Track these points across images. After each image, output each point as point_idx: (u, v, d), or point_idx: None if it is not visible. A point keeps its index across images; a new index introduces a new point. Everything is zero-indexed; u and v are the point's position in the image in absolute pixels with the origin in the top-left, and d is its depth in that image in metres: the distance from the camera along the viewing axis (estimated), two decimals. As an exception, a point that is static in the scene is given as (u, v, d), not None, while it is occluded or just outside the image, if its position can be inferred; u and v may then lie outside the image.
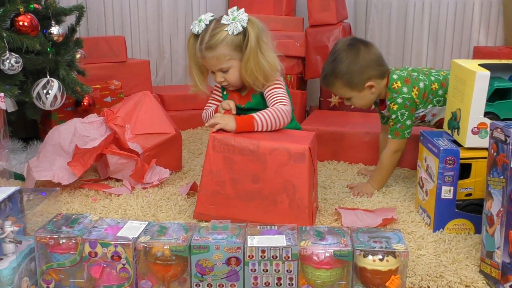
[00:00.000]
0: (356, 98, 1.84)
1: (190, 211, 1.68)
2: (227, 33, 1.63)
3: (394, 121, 1.82)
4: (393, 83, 1.81)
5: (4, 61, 1.82)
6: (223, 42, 1.63)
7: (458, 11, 3.09)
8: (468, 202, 1.54)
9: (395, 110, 1.80)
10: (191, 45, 1.70)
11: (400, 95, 1.79)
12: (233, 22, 1.62)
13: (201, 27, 1.67)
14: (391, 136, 1.83)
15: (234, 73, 1.68)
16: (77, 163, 1.81)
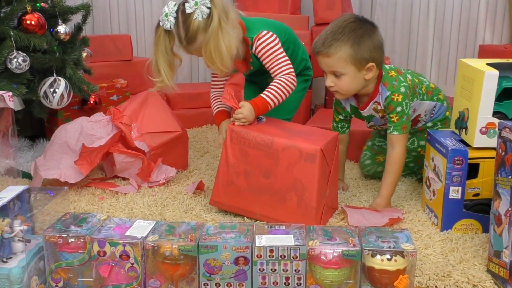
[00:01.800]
0: (349, 76, 1.62)
1: (197, 210, 1.68)
2: (197, 20, 1.61)
3: (400, 114, 1.66)
4: (388, 71, 1.69)
5: (11, 60, 1.82)
6: (199, 30, 1.62)
7: (464, 9, 3.08)
8: (476, 202, 1.53)
9: (400, 101, 1.65)
10: (162, 41, 1.66)
11: (401, 84, 1.66)
12: (197, 7, 1.61)
13: (170, 21, 1.63)
14: (398, 132, 1.66)
15: None
16: (84, 161, 1.81)
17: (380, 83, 1.68)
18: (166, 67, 1.69)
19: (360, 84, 1.66)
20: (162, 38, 1.66)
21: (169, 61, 1.70)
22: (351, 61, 1.60)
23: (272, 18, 2.40)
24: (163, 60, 1.68)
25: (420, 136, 1.87)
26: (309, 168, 1.49)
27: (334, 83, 1.64)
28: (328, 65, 1.62)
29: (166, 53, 1.67)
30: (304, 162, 1.49)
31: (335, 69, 1.62)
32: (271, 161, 1.53)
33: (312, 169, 1.49)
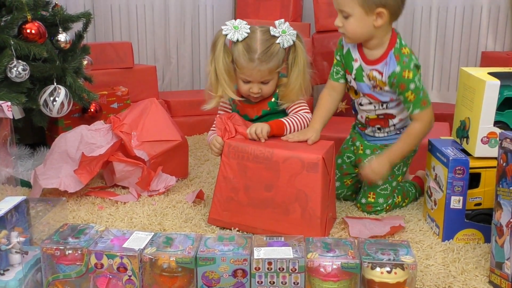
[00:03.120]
0: (356, 18, 1.56)
1: (196, 219, 1.67)
2: (279, 45, 1.63)
3: (415, 91, 1.59)
4: (402, 47, 1.62)
5: (11, 69, 1.82)
6: (277, 55, 1.64)
7: (466, 16, 3.08)
8: (477, 211, 1.52)
9: (412, 78, 1.58)
10: (223, 51, 1.64)
11: (412, 61, 1.59)
12: (283, 35, 1.63)
13: (241, 35, 1.62)
14: (420, 109, 1.61)
15: (272, 85, 1.69)
16: (84, 170, 1.80)
17: (391, 52, 1.61)
18: (226, 78, 1.67)
19: (368, 31, 1.59)
20: (224, 48, 1.65)
21: (229, 72, 1.67)
22: (359, 1, 1.54)
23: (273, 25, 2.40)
24: (223, 70, 1.65)
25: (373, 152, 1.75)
26: (312, 178, 1.47)
27: (342, 24, 1.60)
28: (337, 2, 1.59)
29: (226, 63, 1.66)
30: (306, 172, 1.48)
31: (342, 7, 1.58)
32: (271, 174, 1.51)
33: (315, 178, 1.47)
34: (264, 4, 2.89)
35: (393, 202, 1.73)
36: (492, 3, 3.02)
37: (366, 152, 1.77)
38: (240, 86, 1.71)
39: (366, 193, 1.73)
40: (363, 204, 1.73)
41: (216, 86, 1.69)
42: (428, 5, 3.09)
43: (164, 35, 3.14)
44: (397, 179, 1.74)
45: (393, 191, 1.73)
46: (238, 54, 1.64)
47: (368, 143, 1.78)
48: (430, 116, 1.63)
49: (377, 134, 1.76)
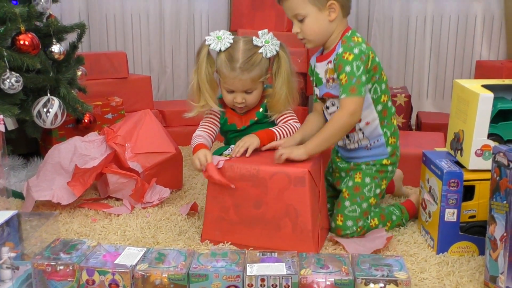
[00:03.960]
0: (311, 18, 1.56)
1: (190, 232, 1.66)
2: (261, 55, 1.64)
3: (349, 75, 1.52)
4: (353, 36, 1.58)
5: (4, 81, 1.82)
6: (259, 64, 1.65)
7: (460, 25, 3.09)
8: (471, 224, 1.52)
9: (350, 60, 1.52)
10: (206, 62, 1.66)
11: (357, 46, 1.53)
12: (266, 45, 1.65)
13: (224, 45, 1.64)
14: (346, 94, 1.52)
15: (256, 95, 1.70)
16: (77, 182, 1.79)
17: (340, 41, 1.59)
18: (209, 88, 1.68)
19: (326, 28, 1.58)
20: (207, 59, 1.66)
21: (211, 82, 1.69)
22: (311, 1, 1.55)
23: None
24: (206, 80, 1.67)
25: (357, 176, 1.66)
26: (300, 192, 1.47)
27: (300, 29, 1.59)
28: (289, 9, 1.58)
29: (209, 73, 1.67)
30: (294, 187, 1.47)
31: (296, 11, 1.57)
32: (259, 191, 1.50)
33: (303, 192, 1.47)
34: (259, 14, 2.89)
35: (367, 225, 1.62)
36: (486, 12, 3.04)
37: (341, 174, 1.72)
38: (224, 96, 1.72)
39: (335, 216, 1.64)
40: (333, 228, 1.64)
41: (198, 96, 1.71)
42: (422, 14, 3.10)
43: (159, 44, 3.14)
44: (368, 201, 1.63)
45: (364, 213, 1.62)
46: (221, 64, 1.66)
47: (341, 165, 1.72)
48: (353, 107, 1.52)
49: (348, 145, 1.68)
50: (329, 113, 1.67)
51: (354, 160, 1.68)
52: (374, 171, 1.65)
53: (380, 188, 1.66)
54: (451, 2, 3.06)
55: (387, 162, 1.66)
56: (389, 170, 1.67)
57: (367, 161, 1.66)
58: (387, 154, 1.65)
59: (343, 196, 1.64)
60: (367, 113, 1.61)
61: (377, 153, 1.65)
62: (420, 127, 2.74)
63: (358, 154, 1.67)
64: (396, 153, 1.68)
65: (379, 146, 1.65)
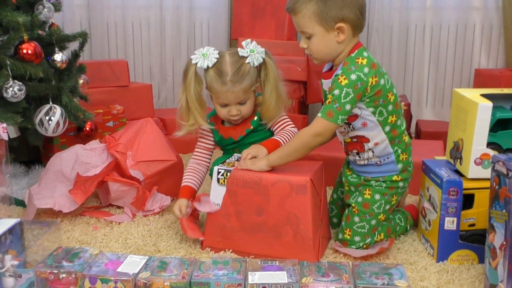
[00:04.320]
0: (318, 38, 1.51)
1: (191, 240, 1.67)
2: (249, 64, 1.66)
3: (333, 98, 1.47)
4: (358, 57, 1.52)
5: (7, 89, 1.82)
6: (248, 74, 1.66)
7: (459, 34, 3.11)
8: (471, 232, 1.53)
9: (342, 85, 1.46)
10: (194, 80, 1.68)
11: (357, 72, 1.47)
12: (251, 54, 1.66)
13: (211, 61, 1.66)
14: (322, 115, 1.48)
15: (250, 105, 1.72)
16: (78, 190, 1.80)
17: (345, 59, 1.54)
18: (198, 106, 1.70)
19: (333, 48, 1.53)
20: (195, 78, 1.68)
21: (199, 100, 1.71)
22: (317, 20, 1.49)
23: (268, 44, 2.42)
24: (195, 98, 1.69)
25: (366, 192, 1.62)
26: (301, 200, 1.48)
27: (307, 45, 1.55)
28: (297, 24, 1.55)
29: (197, 92, 1.69)
30: (295, 195, 1.48)
31: (302, 29, 1.53)
32: (261, 198, 1.51)
33: (304, 200, 1.48)
34: (259, 23, 2.91)
35: (373, 241, 1.60)
36: (485, 21, 3.06)
37: (351, 188, 1.68)
38: (218, 111, 1.74)
39: (343, 228, 1.62)
40: (339, 239, 1.62)
41: (187, 115, 1.73)
42: (421, 23, 3.12)
43: (160, 52, 3.16)
44: (377, 217, 1.60)
45: (372, 230, 1.59)
46: (211, 80, 1.67)
47: (351, 179, 1.68)
48: (320, 129, 1.50)
49: (358, 162, 1.64)
50: (340, 132, 1.65)
51: (364, 174, 1.65)
52: (384, 187, 1.61)
53: (390, 204, 1.63)
54: (449, 11, 3.08)
55: (398, 178, 1.61)
56: (400, 186, 1.62)
57: (376, 177, 1.62)
58: (397, 171, 1.61)
59: (352, 211, 1.61)
60: (375, 134, 1.57)
61: (387, 169, 1.61)
62: (419, 135, 2.75)
63: (368, 170, 1.63)
64: (408, 169, 1.63)
65: (389, 163, 1.60)
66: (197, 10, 3.15)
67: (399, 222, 1.70)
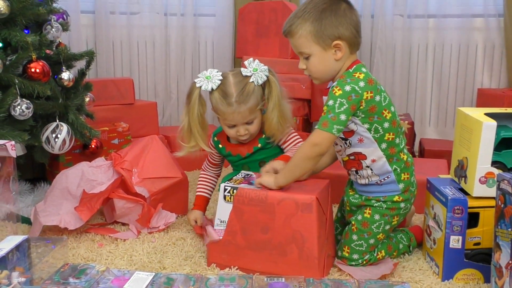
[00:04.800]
0: (316, 57, 1.52)
1: (196, 257, 1.67)
2: (253, 83, 1.68)
3: (328, 109, 1.47)
4: (356, 72, 1.52)
5: (15, 107, 1.84)
6: (253, 93, 1.68)
7: (462, 53, 3.14)
8: (476, 251, 1.52)
9: (336, 96, 1.46)
10: (197, 103, 1.70)
11: (352, 84, 1.48)
12: (255, 73, 1.68)
13: (214, 83, 1.68)
14: (318, 126, 1.48)
15: (257, 123, 1.74)
16: (84, 207, 1.81)
17: (343, 73, 1.55)
18: (200, 129, 1.72)
19: (331, 66, 1.54)
20: (199, 100, 1.70)
21: (203, 123, 1.73)
22: (314, 39, 1.50)
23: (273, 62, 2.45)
24: (198, 122, 1.71)
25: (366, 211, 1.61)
26: (307, 218, 1.48)
27: (305, 65, 1.56)
28: (294, 45, 1.56)
29: (201, 114, 1.71)
30: (301, 213, 1.49)
31: (300, 49, 1.54)
32: (267, 216, 1.52)
33: (310, 219, 1.48)
34: (263, 42, 2.94)
35: (373, 258, 1.60)
36: (487, 41, 3.09)
37: (352, 208, 1.68)
38: (226, 131, 1.76)
39: (341, 246, 1.62)
40: (339, 257, 1.62)
41: (189, 137, 1.75)
42: (424, 43, 3.15)
43: (165, 71, 3.19)
44: (376, 237, 1.59)
45: (370, 248, 1.59)
46: (216, 102, 1.70)
47: (353, 199, 1.67)
48: (318, 140, 1.47)
49: (359, 181, 1.63)
50: (337, 151, 1.65)
51: (365, 194, 1.64)
52: (385, 208, 1.60)
53: (391, 224, 1.62)
54: (452, 31, 3.11)
55: (399, 199, 1.60)
56: (401, 207, 1.61)
57: (377, 196, 1.61)
58: (399, 191, 1.60)
59: (351, 228, 1.61)
60: (371, 151, 1.56)
61: (388, 189, 1.60)
62: (423, 154, 2.76)
63: (369, 189, 1.62)
64: (410, 189, 1.61)
65: (390, 182, 1.59)
66: (202, 29, 3.19)
67: (401, 240, 1.70)
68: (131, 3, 3.08)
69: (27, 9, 1.91)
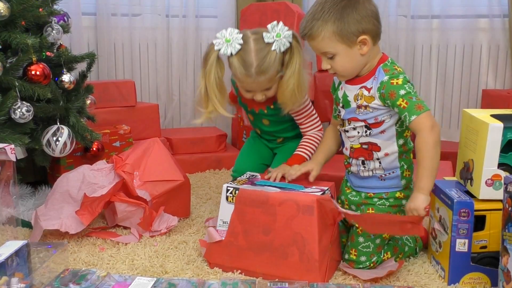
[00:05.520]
0: (342, 56, 1.50)
1: (198, 261, 1.65)
2: (275, 52, 1.61)
3: (407, 97, 1.44)
4: (394, 65, 1.53)
5: (15, 110, 1.83)
6: (274, 63, 1.62)
7: (466, 54, 3.11)
8: (483, 254, 1.50)
9: (401, 84, 1.46)
10: (215, 66, 1.63)
11: (402, 74, 1.49)
12: (278, 40, 1.61)
13: (234, 48, 1.61)
14: (416, 114, 1.43)
15: (275, 89, 1.69)
16: (85, 211, 1.79)
17: (380, 67, 1.52)
18: (217, 93, 1.66)
19: (358, 62, 1.52)
20: (216, 63, 1.63)
21: (220, 87, 1.67)
22: (338, 39, 1.47)
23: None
24: (215, 85, 1.64)
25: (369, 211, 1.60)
26: (308, 220, 1.46)
27: (330, 65, 1.53)
28: (316, 48, 1.52)
29: (218, 78, 1.64)
30: (302, 215, 1.47)
31: (324, 50, 1.50)
32: (268, 217, 1.50)
33: (311, 221, 1.46)
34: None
35: (380, 260, 1.58)
36: (492, 42, 3.06)
37: (351, 207, 1.66)
38: (243, 93, 1.72)
39: (348, 249, 1.60)
40: (346, 260, 1.61)
41: (206, 102, 1.69)
42: (428, 43, 3.13)
43: (167, 73, 3.17)
44: (382, 236, 1.58)
45: (377, 248, 1.58)
46: (234, 68, 1.65)
47: (351, 198, 1.66)
48: (431, 120, 1.45)
49: (362, 173, 1.61)
50: (347, 137, 1.61)
51: (365, 190, 1.62)
52: (388, 206, 1.59)
53: None
54: (456, 32, 3.09)
55: (401, 195, 1.60)
56: (403, 204, 1.59)
57: (380, 193, 1.60)
58: (400, 187, 1.60)
59: (356, 231, 1.59)
60: (388, 144, 1.55)
61: (390, 184, 1.59)
62: (427, 156, 2.73)
63: (370, 184, 1.60)
64: (409, 187, 1.61)
65: (394, 177, 1.59)
66: (204, 31, 3.17)
67: (407, 242, 1.68)
68: (132, 5, 3.06)
69: (28, 11, 1.90)
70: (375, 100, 1.52)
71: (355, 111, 1.56)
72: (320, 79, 2.71)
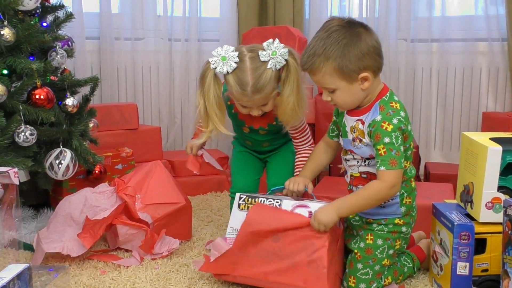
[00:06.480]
0: (342, 91, 1.49)
1: (200, 284, 1.65)
2: (270, 70, 1.62)
3: (388, 147, 1.45)
4: (391, 101, 1.52)
5: (19, 134, 1.85)
6: (270, 81, 1.62)
7: (466, 77, 3.13)
8: (484, 278, 1.50)
9: (389, 131, 1.46)
10: (213, 84, 1.64)
11: (396, 116, 1.48)
12: (273, 58, 1.62)
13: (230, 66, 1.61)
14: (386, 167, 1.45)
15: (271, 104, 1.70)
16: (87, 234, 1.80)
17: (377, 103, 1.52)
18: (218, 111, 1.66)
19: (359, 96, 1.51)
20: (213, 81, 1.64)
21: (220, 104, 1.67)
22: (339, 75, 1.46)
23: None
24: (214, 103, 1.65)
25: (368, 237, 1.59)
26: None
27: (330, 98, 1.53)
28: (317, 82, 1.52)
29: (217, 96, 1.65)
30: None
31: (325, 86, 1.51)
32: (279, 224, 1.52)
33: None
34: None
35: (381, 285, 1.58)
36: (491, 65, 3.09)
37: (353, 232, 1.67)
38: (239, 109, 1.73)
39: (347, 276, 1.59)
40: (345, 287, 1.60)
41: (207, 121, 1.69)
42: (428, 66, 3.15)
43: (169, 95, 3.20)
44: (381, 262, 1.57)
45: (376, 275, 1.57)
46: (231, 86, 1.65)
47: (353, 222, 1.65)
48: (393, 180, 1.46)
49: None
50: (349, 165, 1.62)
51: (365, 215, 1.62)
52: (386, 232, 1.58)
53: (394, 248, 1.60)
54: (456, 55, 3.12)
55: (400, 222, 1.59)
56: (403, 231, 1.59)
57: (379, 219, 1.59)
58: (400, 214, 1.59)
59: (355, 257, 1.58)
60: None
61: (390, 211, 1.59)
62: (428, 178, 2.74)
63: (370, 210, 1.59)
64: (410, 213, 1.61)
65: (393, 204, 1.58)
66: (206, 54, 3.20)
67: (405, 263, 1.67)
68: (135, 29, 3.10)
69: (33, 36, 1.93)
70: (365, 138, 1.53)
71: (351, 143, 1.58)
72: (321, 102, 2.73)
